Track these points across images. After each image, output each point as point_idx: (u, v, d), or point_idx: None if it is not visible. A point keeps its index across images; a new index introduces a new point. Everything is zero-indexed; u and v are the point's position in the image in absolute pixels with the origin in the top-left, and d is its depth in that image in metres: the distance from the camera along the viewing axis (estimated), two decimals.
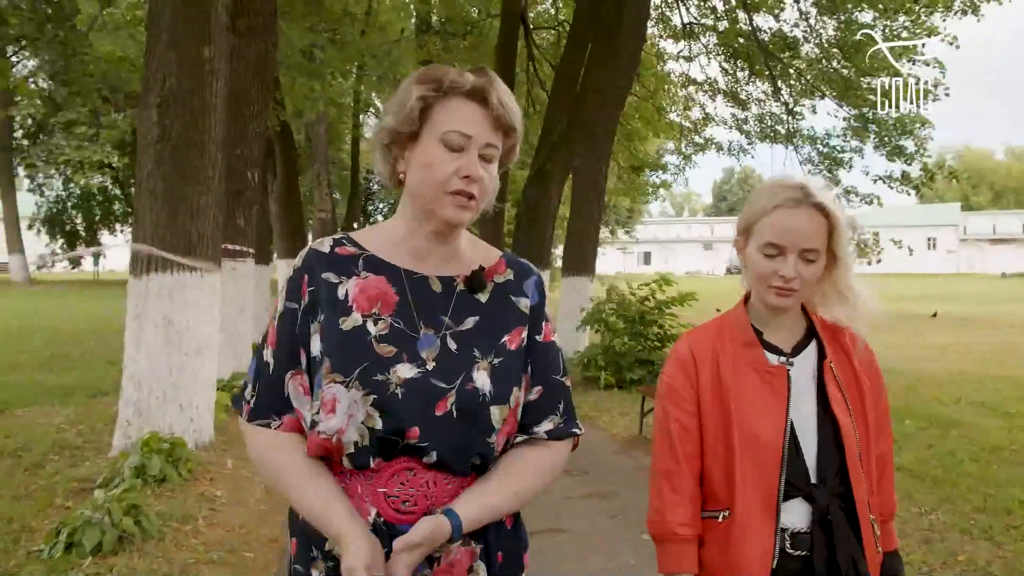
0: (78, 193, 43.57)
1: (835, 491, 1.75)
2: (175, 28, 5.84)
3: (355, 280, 1.49)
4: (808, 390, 1.80)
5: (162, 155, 5.80)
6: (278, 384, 1.48)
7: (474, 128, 1.46)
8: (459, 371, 1.47)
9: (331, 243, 1.55)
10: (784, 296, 1.78)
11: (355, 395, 1.40)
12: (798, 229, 1.75)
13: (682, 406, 1.85)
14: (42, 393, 8.76)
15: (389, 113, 1.51)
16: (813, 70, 15.67)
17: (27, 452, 6.13)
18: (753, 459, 1.76)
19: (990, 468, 6.29)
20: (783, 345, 1.85)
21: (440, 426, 1.43)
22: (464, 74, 1.47)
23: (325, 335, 1.46)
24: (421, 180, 1.47)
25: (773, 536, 1.73)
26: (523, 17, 19.76)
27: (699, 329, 1.98)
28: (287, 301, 1.51)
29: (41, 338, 14.44)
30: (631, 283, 10.85)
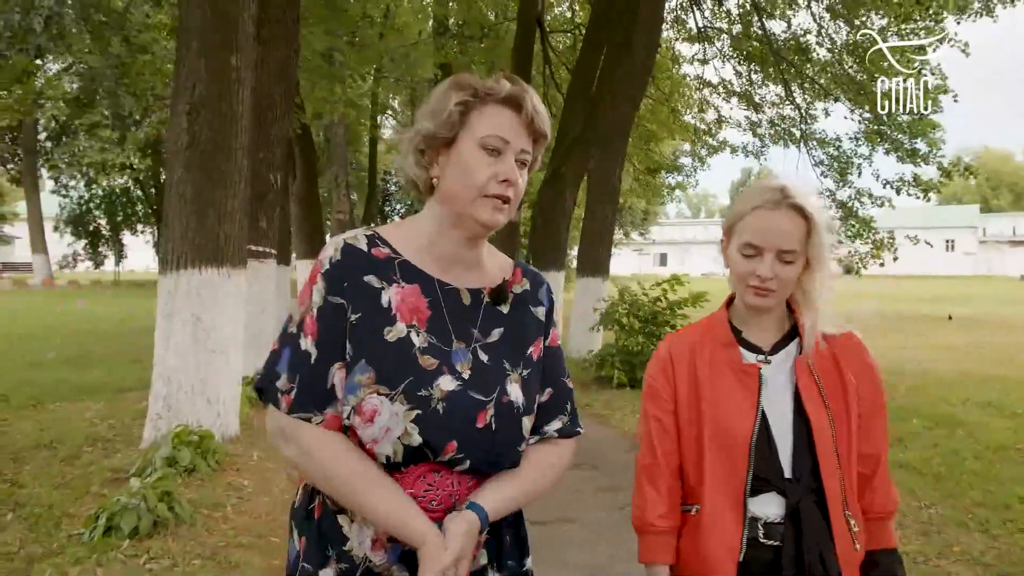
0: (101, 194, 44.13)
1: (809, 486, 1.78)
2: (204, 38, 6.09)
3: (396, 288, 1.50)
4: (785, 388, 1.84)
5: (191, 160, 6.05)
6: (321, 376, 1.46)
7: (511, 134, 1.51)
8: (494, 384, 1.52)
9: (366, 241, 1.54)
10: (761, 296, 1.82)
11: (398, 408, 1.41)
12: (775, 230, 1.78)
13: (660, 404, 1.92)
14: (71, 389, 9.05)
15: (425, 118, 1.53)
16: (826, 74, 15.78)
17: (62, 444, 6.40)
18: (722, 455, 1.81)
19: (993, 466, 6.42)
20: (762, 344, 1.89)
21: (479, 439, 1.47)
22: (500, 81, 1.51)
23: (363, 341, 1.45)
24: (459, 183, 1.50)
25: (740, 530, 1.79)
26: (539, 20, 19.95)
27: (682, 330, 2.04)
28: (328, 295, 1.48)
29: (65, 336, 14.79)
30: (643, 284, 11.03)
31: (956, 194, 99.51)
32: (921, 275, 60.53)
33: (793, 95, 16.87)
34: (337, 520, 1.50)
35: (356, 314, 1.46)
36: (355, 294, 1.47)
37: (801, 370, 1.83)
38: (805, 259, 1.82)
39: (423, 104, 1.56)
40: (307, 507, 1.55)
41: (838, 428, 1.80)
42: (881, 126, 15.59)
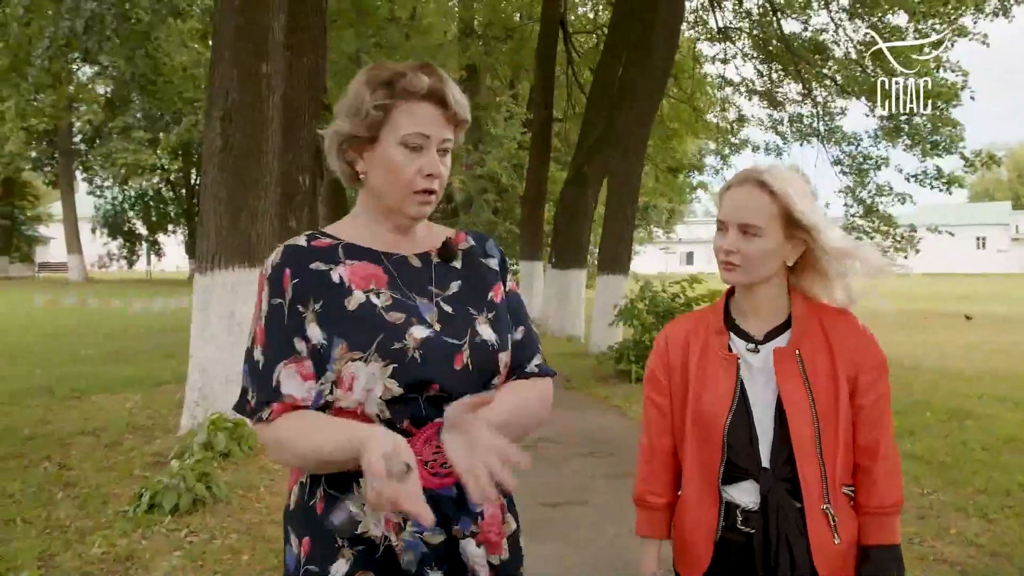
0: (134, 196, 45.04)
1: (782, 476, 1.80)
2: (237, 47, 6.43)
3: (343, 266, 1.53)
4: (771, 377, 1.84)
5: (224, 163, 6.39)
6: (268, 376, 1.48)
7: (432, 128, 1.53)
8: (464, 328, 1.56)
9: (305, 237, 1.59)
10: (727, 270, 1.85)
11: (374, 368, 1.44)
12: (736, 204, 1.82)
13: (656, 387, 2.00)
14: (110, 382, 9.44)
15: (342, 117, 1.55)
16: (844, 72, 15.90)
17: (104, 432, 6.79)
18: (701, 441, 1.87)
19: (1000, 456, 6.57)
20: (755, 332, 1.90)
21: (459, 379, 1.50)
22: (418, 75, 1.51)
23: (326, 320, 1.48)
24: (386, 181, 1.54)
25: (716, 514, 1.84)
26: (562, 22, 20.22)
27: (682, 317, 2.09)
28: (271, 298, 1.52)
29: (102, 334, 15.28)
30: (663, 281, 11.26)
31: (988, 191, 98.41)
32: (952, 272, 59.90)
33: (811, 93, 17.00)
34: (348, 505, 1.49)
35: (318, 302, 1.49)
36: (306, 284, 1.50)
37: (782, 359, 1.84)
38: (781, 236, 1.82)
39: (342, 96, 1.57)
40: (307, 505, 1.53)
41: (823, 420, 1.80)
42: (900, 123, 15.66)
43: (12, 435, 6.77)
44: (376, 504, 1.25)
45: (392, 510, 1.27)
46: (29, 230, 48.71)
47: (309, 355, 1.47)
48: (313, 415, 1.46)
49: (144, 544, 4.29)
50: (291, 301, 1.49)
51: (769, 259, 1.83)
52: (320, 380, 1.47)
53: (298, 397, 1.46)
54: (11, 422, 7.28)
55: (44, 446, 6.41)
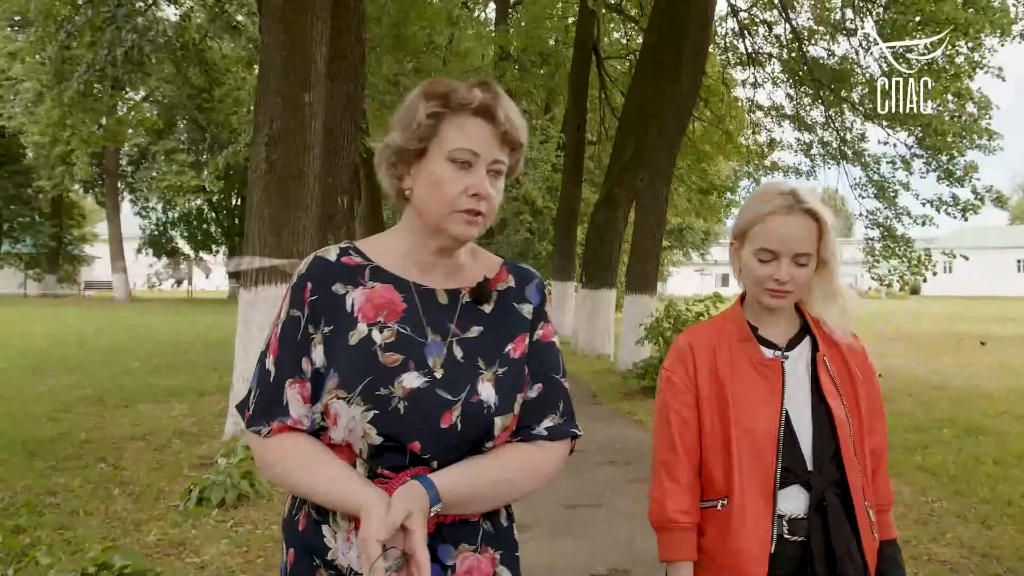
0: (177, 216, 46.29)
1: (831, 478, 1.82)
2: (282, 78, 6.91)
3: (361, 290, 1.48)
4: (803, 382, 1.87)
5: (269, 186, 6.86)
6: (277, 392, 1.45)
7: (482, 145, 1.46)
8: (465, 382, 1.47)
9: (338, 252, 1.54)
10: (778, 297, 1.87)
11: (355, 411, 1.40)
12: (791, 235, 1.82)
13: (681, 398, 1.92)
14: (157, 393, 9.96)
15: (396, 129, 1.50)
16: (868, 98, 16.17)
17: (153, 437, 7.28)
18: (750, 449, 1.83)
19: (1011, 470, 6.76)
20: (778, 340, 1.92)
21: (443, 439, 1.43)
22: (472, 90, 1.46)
23: (329, 348, 1.45)
24: (429, 198, 1.47)
25: (771, 522, 1.80)
26: (595, 47, 20.69)
27: (698, 326, 2.05)
28: (291, 309, 1.49)
29: (148, 349, 15.89)
30: (687, 301, 11.57)
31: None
32: (989, 295, 59.11)
33: (831, 118, 17.29)
34: (321, 530, 1.48)
35: (329, 326, 1.46)
36: (323, 305, 1.47)
37: (820, 365, 1.89)
38: (817, 259, 1.87)
39: (396, 110, 1.53)
40: (293, 519, 1.53)
41: (854, 420, 1.86)
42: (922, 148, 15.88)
43: (69, 439, 7.26)
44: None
45: None
46: (75, 249, 50.07)
47: (311, 377, 1.46)
48: (313, 446, 1.45)
49: (194, 533, 4.72)
50: (307, 318, 1.47)
51: (809, 282, 1.89)
52: (313, 407, 1.45)
53: (300, 421, 1.45)
54: (67, 428, 7.78)
55: (99, 449, 6.88)
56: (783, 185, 1.90)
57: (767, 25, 17.87)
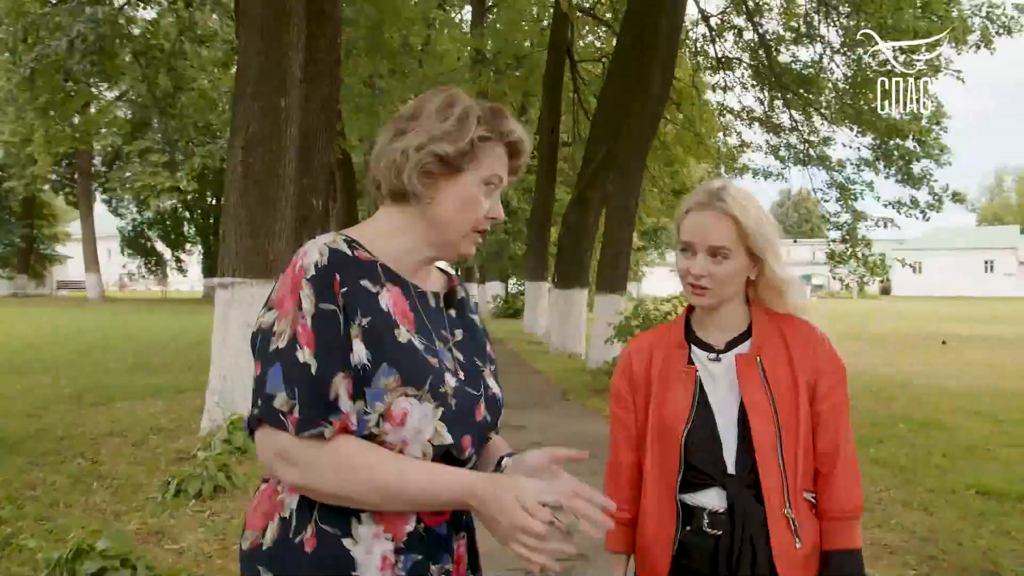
0: (152, 216, 46.17)
1: (748, 482, 1.82)
2: (259, 83, 7.09)
3: (386, 291, 1.46)
4: (734, 385, 1.87)
5: (245, 188, 7.04)
6: (325, 387, 1.34)
7: (504, 172, 1.54)
8: (478, 379, 1.55)
9: (345, 243, 1.47)
10: (698, 294, 1.88)
11: (427, 408, 1.39)
12: (704, 228, 1.84)
13: (620, 403, 2.01)
14: (134, 391, 10.09)
15: (444, 139, 1.47)
16: (836, 103, 16.61)
17: (131, 432, 7.45)
18: (660, 450, 1.90)
19: (957, 461, 7.07)
20: (716, 342, 1.93)
21: (479, 432, 1.52)
22: (515, 125, 1.54)
23: (380, 344, 1.39)
24: (456, 216, 1.50)
25: (674, 520, 1.87)
26: (569, 50, 20.97)
27: (644, 334, 2.12)
28: (320, 302, 1.38)
29: (124, 348, 15.96)
30: (655, 300, 11.86)
31: (998, 215, 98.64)
32: (960, 296, 60.07)
33: (797, 123, 17.75)
34: (343, 544, 1.38)
35: (366, 317, 1.39)
36: (356, 298, 1.40)
37: (744, 365, 1.88)
38: (746, 256, 1.87)
39: (431, 113, 1.50)
40: (291, 542, 1.39)
41: (784, 425, 1.83)
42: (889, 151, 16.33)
43: (47, 436, 7.41)
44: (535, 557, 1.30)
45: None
46: (47, 249, 49.75)
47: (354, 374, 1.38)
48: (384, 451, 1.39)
49: (173, 522, 4.92)
50: (343, 309, 1.38)
51: (736, 278, 1.89)
52: (367, 408, 1.37)
53: (351, 418, 1.37)
54: (44, 425, 7.91)
55: (77, 445, 7.04)
56: (711, 183, 1.93)
57: (737, 30, 18.22)
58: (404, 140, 1.49)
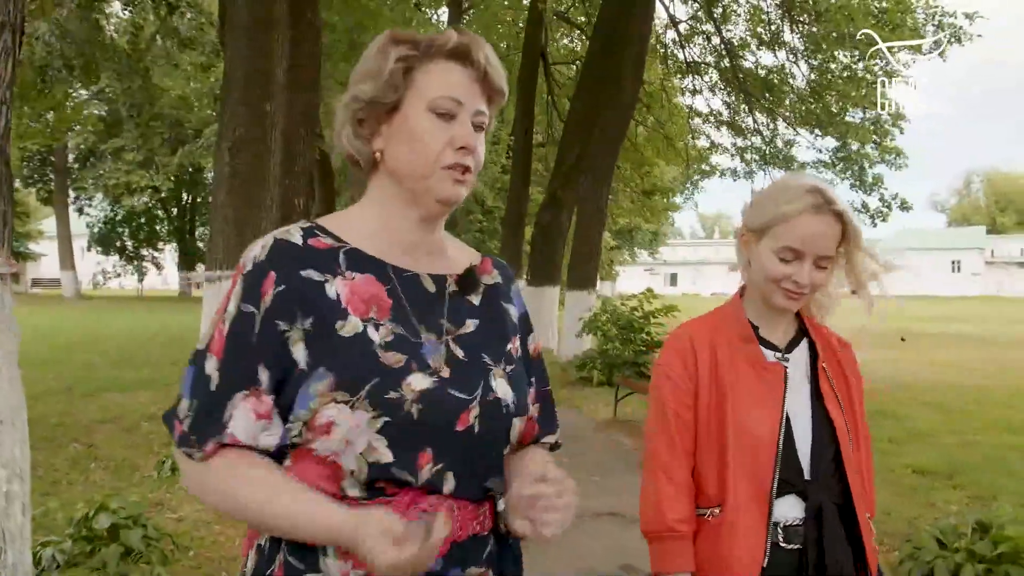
0: (123, 214, 46.15)
1: (829, 487, 1.74)
2: (245, 89, 7.47)
3: (340, 280, 1.26)
4: (802, 387, 1.79)
5: (232, 188, 7.42)
6: (219, 406, 1.20)
7: (464, 93, 1.30)
8: (477, 379, 1.30)
9: (301, 232, 1.30)
10: (793, 299, 1.77)
11: (360, 418, 1.18)
12: (818, 236, 1.73)
13: (679, 396, 1.80)
14: (122, 384, 10.45)
15: (362, 81, 1.30)
16: (799, 107, 17.28)
17: (123, 419, 7.85)
18: (747, 455, 1.73)
19: (902, 446, 7.61)
20: (778, 342, 1.84)
21: (456, 444, 1.25)
22: (446, 32, 1.31)
23: (319, 345, 1.21)
24: (409, 156, 1.29)
25: (765, 533, 1.71)
26: (543, 53, 21.42)
27: (696, 320, 1.93)
28: (242, 302, 1.24)
29: (107, 344, 16.24)
30: (622, 296, 12.39)
31: (966, 215, 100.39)
32: (927, 295, 61.18)
33: (759, 126, 18.44)
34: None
35: (308, 317, 1.22)
36: (295, 296, 1.23)
37: (820, 369, 1.81)
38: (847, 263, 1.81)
39: (357, 65, 1.34)
40: (264, 572, 1.26)
41: (852, 427, 1.79)
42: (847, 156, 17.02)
43: (41, 423, 7.73)
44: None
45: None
46: (20, 247, 49.52)
47: (272, 388, 1.21)
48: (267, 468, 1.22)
49: (170, 495, 5.35)
50: (268, 313, 1.22)
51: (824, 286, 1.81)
52: (290, 419, 1.21)
53: (242, 440, 1.20)
54: (38, 415, 8.15)
55: (71, 431, 7.41)
56: (806, 182, 1.79)
57: (705, 36, 18.78)
58: (341, 99, 1.35)
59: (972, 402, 10.61)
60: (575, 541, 4.92)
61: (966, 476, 6.60)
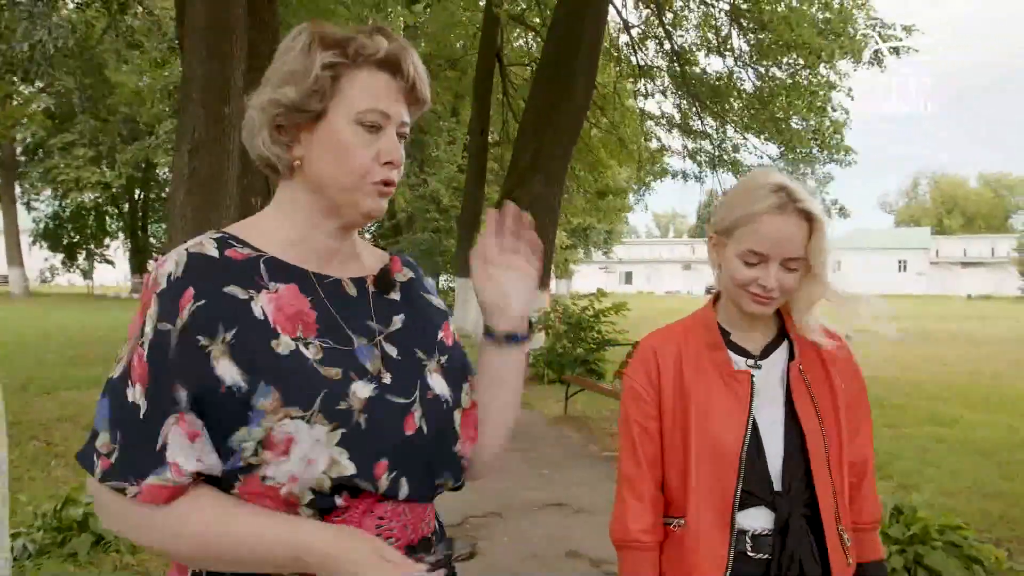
0: (71, 210, 45.45)
1: (800, 499, 1.69)
2: (204, 91, 7.61)
3: (265, 294, 1.20)
4: (776, 394, 1.74)
5: (191, 188, 7.56)
6: (151, 434, 1.12)
7: (391, 104, 1.26)
8: (413, 379, 1.28)
9: (215, 244, 1.23)
10: (761, 304, 1.71)
11: (319, 432, 1.14)
12: (783, 238, 1.66)
13: (643, 409, 1.79)
14: (77, 382, 10.46)
15: (284, 84, 1.22)
16: (746, 112, 17.84)
17: (81, 417, 7.93)
18: (710, 465, 1.70)
19: None
20: (752, 347, 1.79)
21: (410, 449, 1.23)
22: (374, 37, 1.24)
23: (245, 357, 1.14)
24: (334, 168, 1.24)
25: (727, 546, 1.68)
26: (499, 54, 21.67)
27: (664, 329, 1.89)
28: (159, 321, 1.15)
29: (59, 342, 16.14)
30: (573, 296, 12.71)
31: (914, 217, 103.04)
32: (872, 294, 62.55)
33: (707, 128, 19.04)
34: None
35: (230, 331, 1.15)
36: (215, 310, 1.16)
37: (794, 376, 1.74)
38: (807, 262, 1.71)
39: (275, 63, 1.26)
40: None
41: (829, 437, 1.72)
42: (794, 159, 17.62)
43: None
44: None
45: None
46: None
47: (190, 407, 1.13)
48: (213, 493, 1.16)
49: None
50: (185, 329, 1.14)
51: (794, 288, 1.74)
52: (240, 438, 1.13)
53: (186, 469, 1.12)
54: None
55: (29, 429, 7.48)
56: (772, 179, 1.72)
57: (657, 40, 19.18)
58: (253, 99, 1.27)
59: (905, 396, 11.10)
60: (523, 529, 5.21)
61: (894, 467, 7.01)
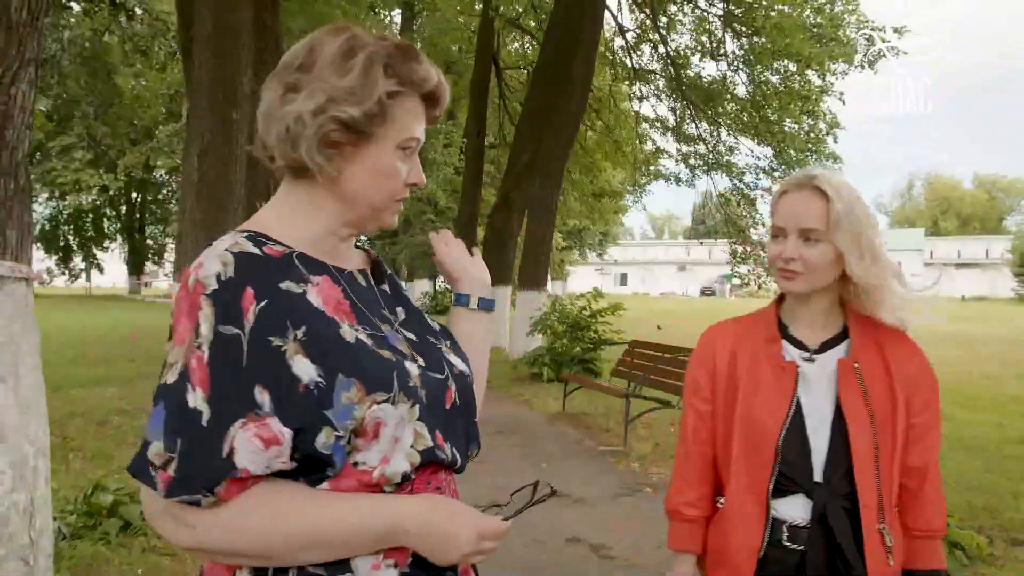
0: (68, 212, 45.61)
1: (840, 492, 1.72)
2: (212, 98, 7.84)
3: (312, 287, 1.21)
4: (829, 389, 1.77)
5: (201, 192, 7.79)
6: (215, 441, 1.08)
7: (422, 131, 1.31)
8: (440, 359, 1.34)
9: (250, 242, 1.21)
10: (787, 278, 1.77)
11: (402, 410, 1.17)
12: (796, 209, 1.74)
13: (699, 394, 1.90)
14: (82, 381, 10.64)
15: (344, 101, 1.20)
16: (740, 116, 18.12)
17: (93, 414, 8.12)
18: (749, 450, 1.77)
19: None
20: (809, 341, 1.83)
21: (452, 421, 1.31)
22: (429, 69, 1.28)
23: (319, 352, 1.14)
24: (371, 188, 1.27)
25: (762, 529, 1.73)
26: (495, 58, 21.93)
27: (728, 321, 1.98)
28: (220, 325, 1.11)
29: (59, 342, 16.30)
30: (570, 296, 12.96)
31: (909, 218, 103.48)
32: None
33: (701, 133, 19.28)
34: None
35: (300, 327, 1.14)
36: (280, 309, 1.15)
37: (845, 371, 1.77)
38: (835, 245, 1.73)
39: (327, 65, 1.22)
40: None
41: (881, 436, 1.73)
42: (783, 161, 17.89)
43: None
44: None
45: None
46: None
47: (274, 410, 1.11)
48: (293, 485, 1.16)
49: None
50: (255, 332, 1.12)
51: (831, 266, 1.76)
52: (337, 432, 1.13)
53: (254, 471, 1.10)
54: None
55: None
56: (809, 168, 1.82)
57: (653, 44, 19.46)
58: (297, 102, 1.21)
59: None
60: (524, 518, 5.44)
61: None
